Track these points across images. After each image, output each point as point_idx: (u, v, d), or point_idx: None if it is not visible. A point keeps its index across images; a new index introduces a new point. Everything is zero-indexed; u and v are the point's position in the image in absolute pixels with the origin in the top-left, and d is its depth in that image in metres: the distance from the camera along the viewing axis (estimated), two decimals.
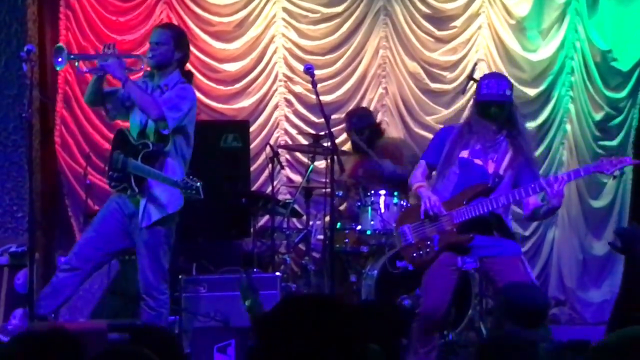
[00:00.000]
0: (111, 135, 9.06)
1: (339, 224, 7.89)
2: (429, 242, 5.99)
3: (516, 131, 6.03)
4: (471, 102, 6.17)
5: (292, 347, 2.83)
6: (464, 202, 5.90)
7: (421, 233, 6.03)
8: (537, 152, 9.47)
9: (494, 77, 6.17)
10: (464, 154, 6.01)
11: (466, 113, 6.23)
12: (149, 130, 6.45)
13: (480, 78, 6.15)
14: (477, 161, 5.99)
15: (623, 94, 9.56)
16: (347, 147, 8.76)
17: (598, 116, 9.54)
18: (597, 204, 9.64)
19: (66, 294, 6.40)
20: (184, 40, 6.79)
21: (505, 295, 4.61)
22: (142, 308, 6.44)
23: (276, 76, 9.54)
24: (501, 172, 5.93)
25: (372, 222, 7.81)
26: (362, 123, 8.59)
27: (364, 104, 9.32)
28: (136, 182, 6.36)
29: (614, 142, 9.59)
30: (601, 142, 9.58)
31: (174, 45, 6.62)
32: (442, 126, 9.06)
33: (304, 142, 8.91)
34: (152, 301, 6.41)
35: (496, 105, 5.92)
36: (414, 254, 6.05)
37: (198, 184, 6.37)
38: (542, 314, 4.57)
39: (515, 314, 4.46)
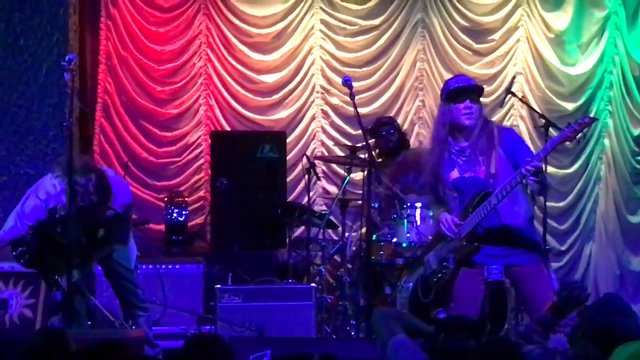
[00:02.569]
0: (150, 146, 9.18)
1: (374, 236, 7.88)
2: (445, 264, 6.02)
3: (484, 124, 5.94)
4: (440, 107, 6.10)
5: None
6: (469, 215, 5.90)
7: (440, 257, 6.06)
8: (575, 167, 9.50)
9: (462, 75, 6.30)
10: (454, 174, 5.98)
11: (436, 123, 6.17)
12: None
13: (447, 80, 6.13)
14: (468, 174, 5.97)
15: None
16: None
17: (636, 131, 9.47)
18: (635, 219, 9.57)
19: None
20: None
21: (593, 315, 4.46)
22: (140, 316, 6.68)
23: (313, 88, 9.56)
24: (492, 170, 5.90)
25: (407, 235, 7.78)
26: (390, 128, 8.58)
27: (401, 117, 9.33)
28: None
29: None
30: (639, 158, 9.52)
31: None
32: None
33: (341, 153, 8.92)
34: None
35: (470, 94, 5.89)
36: (434, 279, 6.09)
37: None
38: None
39: (600, 337, 4.33)
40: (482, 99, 9.23)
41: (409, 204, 7.88)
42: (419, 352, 4.82)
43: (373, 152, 8.56)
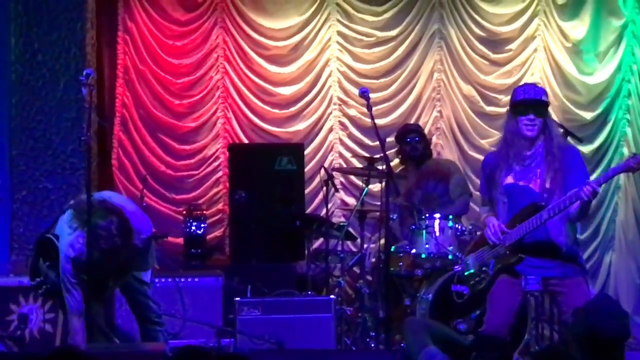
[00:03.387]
0: (169, 159, 9.19)
1: (393, 248, 7.87)
2: (484, 268, 6.02)
3: (551, 137, 5.94)
4: (507, 114, 6.11)
5: None
6: (516, 225, 5.88)
7: (481, 260, 6.06)
8: (594, 176, 9.36)
9: (532, 84, 6.14)
10: (509, 179, 5.97)
11: (505, 126, 6.16)
12: None
13: (516, 87, 6.11)
14: (522, 183, 5.96)
15: None
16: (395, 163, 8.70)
17: None
18: None
19: None
20: None
21: (580, 318, 4.46)
22: (157, 331, 6.60)
23: (331, 99, 9.56)
24: (547, 185, 5.89)
25: (426, 246, 7.77)
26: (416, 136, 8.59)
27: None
28: None
29: None
30: None
31: None
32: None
33: (359, 165, 8.92)
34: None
35: (537, 108, 5.90)
36: (472, 282, 6.10)
37: None
38: (614, 346, 4.39)
39: (586, 339, 4.34)
40: (499, 110, 9.37)
41: (427, 215, 7.88)
42: None
43: (396, 158, 8.59)
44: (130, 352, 6.17)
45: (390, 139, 8.74)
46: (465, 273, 6.17)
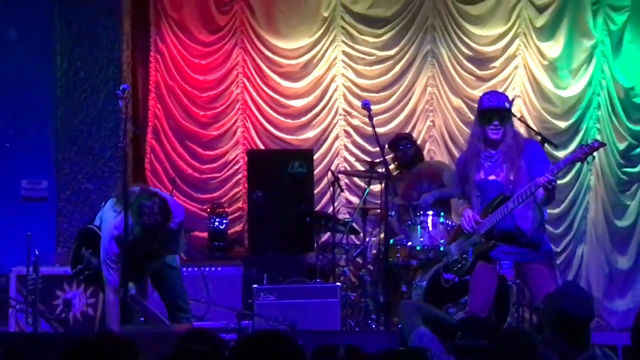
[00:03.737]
0: (195, 163, 9.21)
1: (391, 241, 7.89)
2: (465, 255, 6.07)
3: (512, 135, 5.99)
4: (476, 118, 6.11)
5: None
6: (488, 215, 5.92)
7: (461, 248, 6.11)
8: (568, 178, 9.48)
9: (496, 92, 6.22)
10: (480, 175, 6.03)
11: (472, 129, 6.20)
12: None
13: (483, 94, 6.17)
14: (491, 177, 6.01)
15: None
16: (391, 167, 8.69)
17: (622, 146, 9.46)
18: (622, 223, 9.55)
19: None
20: None
21: (551, 302, 4.48)
22: (184, 318, 6.56)
23: (336, 111, 9.58)
24: (512, 177, 5.93)
25: (421, 239, 7.79)
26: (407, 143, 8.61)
27: (414, 135, 9.30)
28: None
29: (636, 169, 9.52)
30: (624, 169, 9.51)
31: None
32: None
33: (361, 168, 8.93)
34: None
35: (500, 114, 5.93)
36: (455, 268, 6.15)
37: None
38: (582, 326, 4.40)
39: (556, 321, 4.34)
40: None
41: (422, 212, 7.90)
42: (437, 343, 4.82)
43: (392, 164, 8.60)
44: (160, 332, 6.20)
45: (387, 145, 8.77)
46: (449, 261, 6.22)
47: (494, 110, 5.92)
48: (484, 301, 5.99)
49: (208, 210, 8.98)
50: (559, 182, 9.35)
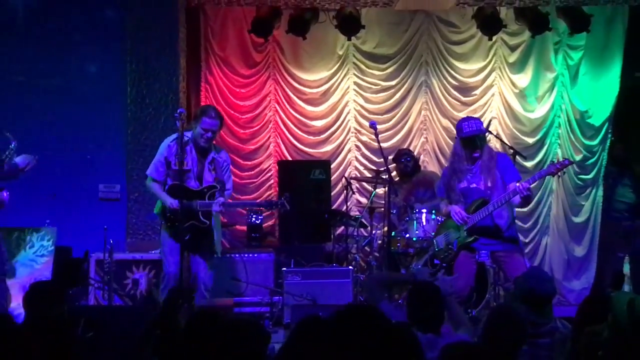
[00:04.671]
0: (236, 171, 9.22)
1: (393, 233, 7.89)
2: (450, 246, 6.07)
3: (487, 151, 6.04)
4: (457, 140, 6.13)
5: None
6: (471, 213, 5.92)
7: (447, 240, 6.10)
8: (533, 184, 9.39)
9: (473, 118, 6.22)
10: (463, 184, 6.03)
11: (454, 148, 6.21)
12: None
13: (461, 120, 6.16)
14: (473, 185, 6.02)
15: (596, 142, 9.45)
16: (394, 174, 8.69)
17: (578, 157, 9.43)
18: (578, 220, 9.52)
19: None
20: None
21: (522, 282, 4.50)
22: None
23: (349, 129, 9.59)
24: (489, 184, 5.94)
25: (416, 232, 7.78)
26: (408, 156, 8.60)
27: (410, 149, 9.30)
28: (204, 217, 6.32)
29: (589, 176, 9.49)
30: (580, 176, 9.48)
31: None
32: None
33: (369, 175, 8.93)
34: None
35: (478, 138, 5.95)
36: (442, 256, 6.15)
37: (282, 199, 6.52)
38: (546, 301, 4.42)
39: (526, 297, 4.36)
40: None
41: (417, 210, 7.90)
42: (398, 312, 4.80)
43: (394, 174, 8.60)
44: (209, 304, 6.22)
45: (391, 157, 8.78)
46: (436, 249, 6.22)
47: (474, 136, 5.93)
48: (465, 283, 5.99)
49: (247, 208, 9.01)
50: None
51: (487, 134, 8.31)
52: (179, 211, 6.10)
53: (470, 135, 5.94)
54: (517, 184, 5.74)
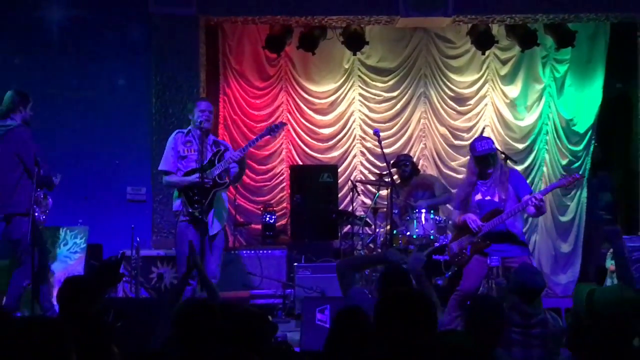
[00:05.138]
0: (252, 174, 9.23)
1: (395, 231, 7.86)
2: (464, 250, 6.01)
3: (499, 168, 6.01)
4: (471, 158, 6.08)
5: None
6: (485, 221, 5.88)
7: (461, 245, 6.04)
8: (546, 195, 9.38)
9: (484, 138, 6.18)
10: (478, 197, 5.99)
11: (469, 165, 6.18)
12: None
13: (474, 140, 6.13)
14: (487, 198, 5.97)
15: (580, 147, 9.37)
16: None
17: (564, 161, 9.36)
18: (564, 219, 9.44)
19: None
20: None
21: (515, 277, 4.51)
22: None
23: (354, 136, 9.55)
24: (503, 197, 5.90)
25: (416, 230, 7.77)
26: (407, 160, 8.57)
27: (411, 154, 9.27)
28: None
29: None
30: None
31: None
32: (462, 169, 9.09)
33: (372, 178, 8.92)
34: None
35: (491, 156, 5.92)
36: (456, 259, 6.08)
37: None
38: (537, 293, 4.44)
39: (519, 290, 4.37)
40: (463, 142, 9.34)
41: (417, 210, 7.87)
42: (368, 298, 4.77)
43: (395, 177, 8.59)
44: (226, 297, 6.20)
45: (392, 162, 8.75)
46: (451, 253, 6.16)
47: (487, 154, 5.90)
48: (474, 284, 5.93)
49: (261, 209, 9.00)
50: None
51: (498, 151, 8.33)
52: (202, 183, 6.07)
53: (483, 154, 5.92)
54: (530, 196, 5.71)
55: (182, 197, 6.29)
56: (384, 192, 8.66)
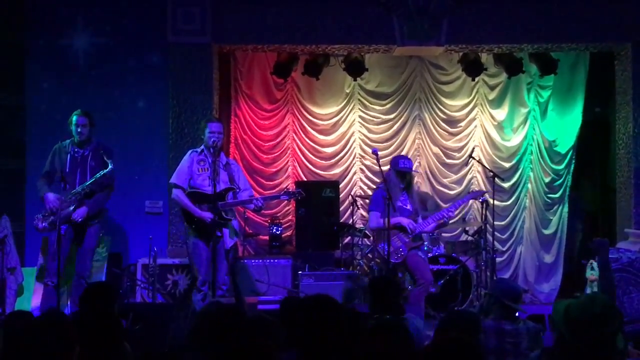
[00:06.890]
0: (260, 190, 9.21)
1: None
2: (400, 249, 6.52)
3: (410, 186, 6.70)
4: (391, 170, 6.66)
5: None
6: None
7: (395, 245, 6.48)
8: (509, 202, 9.40)
9: (407, 158, 6.82)
10: (399, 203, 6.52)
11: (387, 178, 6.59)
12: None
13: (396, 157, 6.74)
14: (406, 206, 6.56)
15: (562, 166, 9.39)
16: None
17: (547, 179, 9.38)
18: (547, 232, 9.45)
19: None
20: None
21: (501, 285, 4.61)
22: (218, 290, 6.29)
23: (355, 155, 9.57)
24: (415, 206, 6.64)
25: None
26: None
27: None
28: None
29: (557, 195, 9.42)
30: (549, 195, 9.42)
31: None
32: (453, 185, 9.17)
33: (371, 193, 8.90)
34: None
35: (409, 174, 6.60)
36: (392, 258, 6.43)
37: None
38: (520, 295, 4.52)
39: (508, 295, 4.42)
40: (454, 161, 9.35)
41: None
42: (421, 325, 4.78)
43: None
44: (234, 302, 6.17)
45: None
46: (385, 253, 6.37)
47: (408, 171, 6.58)
48: (428, 273, 6.60)
49: (268, 221, 9.01)
50: (504, 204, 9.42)
51: (470, 160, 8.40)
52: (211, 223, 6.12)
53: (405, 171, 6.55)
54: (444, 212, 6.62)
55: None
56: None
